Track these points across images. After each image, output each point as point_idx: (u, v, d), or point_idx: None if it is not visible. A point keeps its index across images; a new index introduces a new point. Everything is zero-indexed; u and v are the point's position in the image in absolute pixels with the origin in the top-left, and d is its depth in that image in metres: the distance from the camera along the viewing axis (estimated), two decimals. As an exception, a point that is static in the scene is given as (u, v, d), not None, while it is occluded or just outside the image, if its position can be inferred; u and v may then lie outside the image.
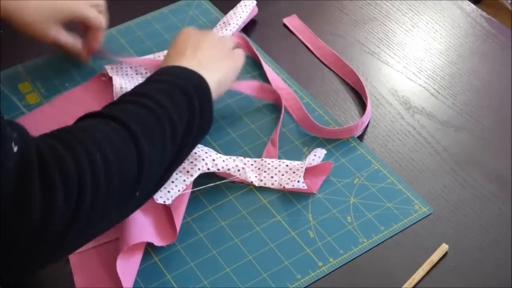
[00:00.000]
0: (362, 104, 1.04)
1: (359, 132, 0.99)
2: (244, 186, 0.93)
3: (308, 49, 1.12)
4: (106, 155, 0.72)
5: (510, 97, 1.04)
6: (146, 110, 0.80)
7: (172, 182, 0.89)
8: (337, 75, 1.08)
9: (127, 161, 0.74)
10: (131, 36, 1.14)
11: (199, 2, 1.19)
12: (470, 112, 1.03)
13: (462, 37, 1.14)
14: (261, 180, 0.93)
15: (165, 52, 1.07)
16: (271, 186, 0.93)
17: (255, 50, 1.09)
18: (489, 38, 1.13)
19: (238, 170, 0.92)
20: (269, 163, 0.94)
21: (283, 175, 0.93)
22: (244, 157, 0.95)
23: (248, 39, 1.10)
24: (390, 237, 0.88)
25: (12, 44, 1.11)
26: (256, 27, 1.14)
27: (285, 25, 1.15)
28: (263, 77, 1.06)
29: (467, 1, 1.19)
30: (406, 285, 0.84)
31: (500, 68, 1.09)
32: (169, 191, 0.88)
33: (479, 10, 1.18)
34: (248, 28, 1.14)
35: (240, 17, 1.11)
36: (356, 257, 0.87)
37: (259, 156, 0.96)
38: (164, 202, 0.88)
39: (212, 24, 1.15)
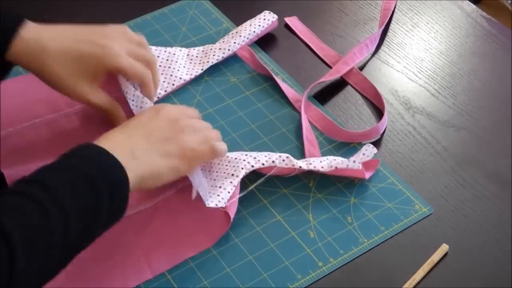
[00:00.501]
0: (362, 104, 1.04)
1: (380, 134, 0.99)
2: (245, 186, 0.93)
3: (309, 49, 1.12)
4: None
5: (510, 97, 1.04)
6: (38, 210, 0.70)
7: (220, 187, 0.88)
8: (341, 77, 1.07)
9: None
10: (131, 36, 1.13)
11: (199, 2, 1.19)
12: (470, 112, 1.03)
13: (462, 37, 1.14)
14: (311, 164, 0.92)
15: (179, 49, 1.07)
16: (321, 170, 0.92)
17: (263, 63, 1.07)
18: (489, 38, 1.13)
19: (283, 160, 0.91)
20: (314, 158, 0.94)
21: (331, 161, 0.92)
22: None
23: (254, 54, 1.08)
24: (391, 237, 0.88)
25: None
26: (256, 27, 1.14)
27: (285, 25, 1.15)
28: (275, 88, 1.05)
29: (467, 1, 1.19)
30: (406, 285, 0.84)
31: (500, 68, 1.09)
32: (218, 195, 0.87)
33: (479, 10, 1.18)
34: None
35: (254, 31, 1.09)
36: (356, 257, 0.87)
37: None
38: (216, 205, 0.87)
39: (212, 24, 1.15)
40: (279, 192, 0.93)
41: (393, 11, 1.17)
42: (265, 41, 1.12)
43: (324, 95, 1.05)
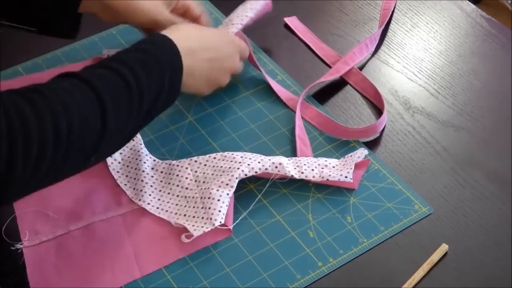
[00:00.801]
0: (361, 104, 1.04)
1: (378, 133, 1.00)
2: (244, 186, 0.93)
3: (309, 49, 1.12)
4: (71, 123, 0.75)
5: (510, 97, 1.04)
6: (122, 81, 0.81)
7: (219, 200, 0.88)
8: (341, 76, 1.07)
9: (90, 132, 0.78)
10: (131, 36, 1.13)
11: (199, 2, 1.19)
12: (470, 112, 1.03)
13: (462, 37, 1.14)
14: (302, 173, 0.92)
15: None
16: (312, 179, 0.92)
17: (256, 61, 1.07)
18: (489, 38, 1.13)
19: (276, 167, 0.92)
20: (306, 159, 0.94)
21: (323, 168, 0.93)
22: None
23: (250, 45, 1.07)
24: (390, 237, 0.88)
25: (12, 44, 1.11)
26: (256, 27, 1.14)
27: (285, 25, 1.15)
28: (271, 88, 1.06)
29: (467, 1, 1.19)
30: (406, 285, 0.84)
31: (500, 68, 1.09)
32: (219, 211, 0.88)
33: (479, 10, 1.18)
34: (248, 28, 1.13)
35: (246, 15, 1.08)
36: (356, 257, 0.87)
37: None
38: (220, 222, 0.87)
39: (212, 24, 1.14)
40: (279, 192, 0.93)
41: (393, 11, 1.17)
42: (265, 41, 1.12)
43: (324, 95, 1.05)
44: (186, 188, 0.92)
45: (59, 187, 0.93)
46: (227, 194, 0.89)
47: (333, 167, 0.93)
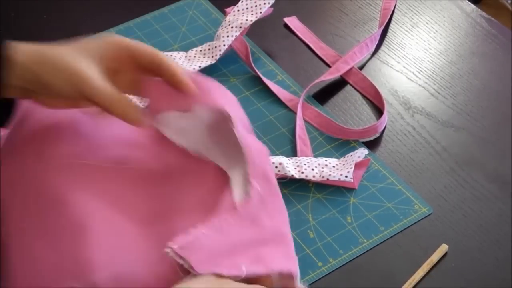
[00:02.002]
0: (361, 104, 1.04)
1: (379, 133, 1.00)
2: (244, 186, 0.93)
3: (309, 49, 1.12)
4: None
5: (510, 97, 1.04)
6: None
7: None
8: (341, 76, 1.07)
9: None
10: (131, 36, 1.13)
11: (199, 2, 1.19)
12: (470, 112, 1.03)
13: (462, 37, 1.14)
14: (302, 173, 0.92)
15: (177, 52, 1.08)
16: (312, 179, 0.92)
17: (252, 61, 1.06)
18: (489, 38, 1.13)
19: (276, 167, 0.92)
20: (306, 159, 0.94)
21: (323, 168, 0.93)
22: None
23: (249, 48, 1.08)
24: (390, 237, 0.88)
25: (12, 44, 1.11)
26: (256, 27, 1.14)
27: (285, 25, 1.15)
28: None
29: (467, 1, 1.19)
30: (406, 285, 0.84)
31: (500, 68, 1.09)
32: None
33: (479, 10, 1.18)
34: (248, 28, 1.14)
35: (247, 20, 1.07)
36: (356, 257, 0.87)
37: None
38: None
39: (212, 24, 1.15)
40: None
41: (393, 11, 1.17)
42: (265, 41, 1.12)
43: (324, 95, 1.05)
44: None
45: None
46: None
47: (333, 166, 0.93)
